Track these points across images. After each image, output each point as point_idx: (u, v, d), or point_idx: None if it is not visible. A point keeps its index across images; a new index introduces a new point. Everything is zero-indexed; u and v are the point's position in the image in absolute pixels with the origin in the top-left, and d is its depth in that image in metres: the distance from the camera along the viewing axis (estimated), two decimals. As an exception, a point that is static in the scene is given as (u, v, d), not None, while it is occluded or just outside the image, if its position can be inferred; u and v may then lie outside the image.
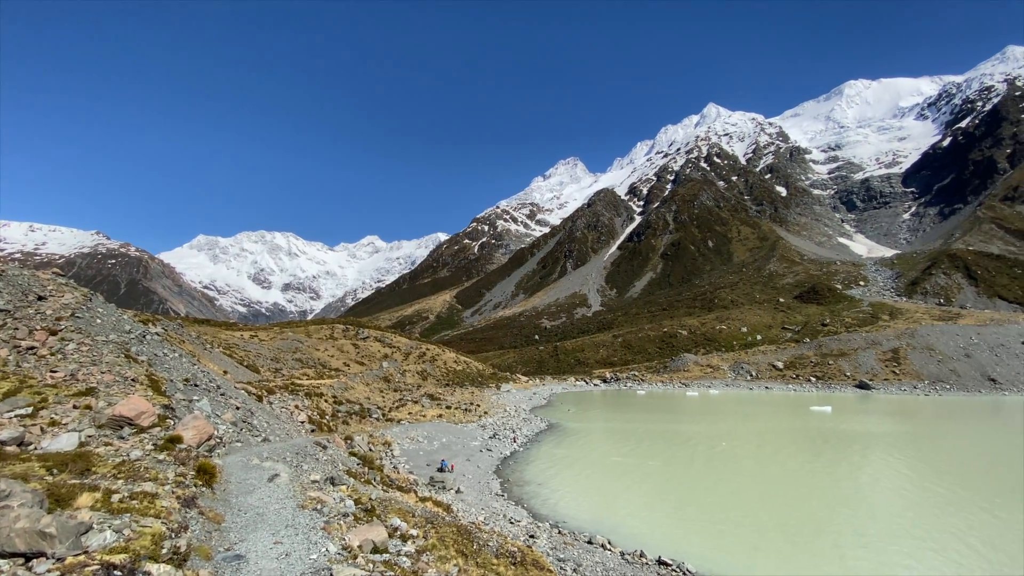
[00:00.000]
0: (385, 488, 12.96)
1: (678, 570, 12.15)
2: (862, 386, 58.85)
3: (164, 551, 4.86)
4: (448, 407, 37.88)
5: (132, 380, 11.87)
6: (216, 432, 11.49)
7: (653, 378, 71.16)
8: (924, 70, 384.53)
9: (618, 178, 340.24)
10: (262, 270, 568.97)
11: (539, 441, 29.31)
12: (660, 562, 12.61)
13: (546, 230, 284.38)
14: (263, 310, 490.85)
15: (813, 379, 63.43)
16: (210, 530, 6.07)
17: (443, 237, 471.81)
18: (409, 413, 33.64)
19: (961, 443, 28.13)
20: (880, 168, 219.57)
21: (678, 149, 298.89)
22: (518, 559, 8.40)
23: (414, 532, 7.81)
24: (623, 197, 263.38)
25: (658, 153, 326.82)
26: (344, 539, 6.48)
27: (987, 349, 60.01)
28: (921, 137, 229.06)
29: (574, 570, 11.67)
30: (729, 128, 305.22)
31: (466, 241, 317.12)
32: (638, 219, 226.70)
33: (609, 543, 13.76)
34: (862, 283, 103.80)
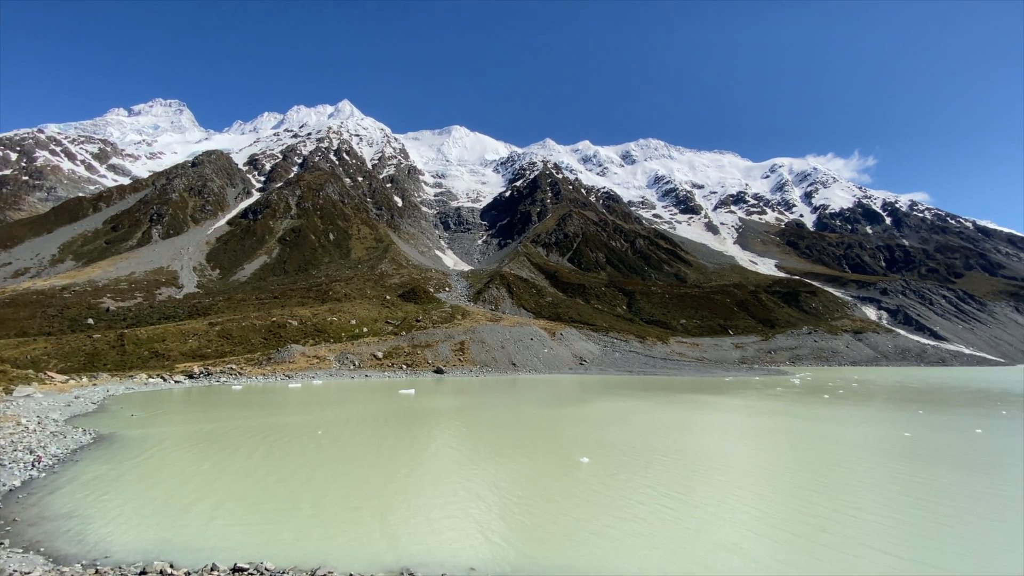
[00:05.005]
0: None
1: (256, 571, 11.66)
2: (438, 371, 72.62)
3: None
4: None
5: None
6: None
7: (254, 371, 65.60)
8: (502, 136, 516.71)
9: (237, 143, 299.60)
10: None
11: (78, 460, 22.05)
12: (236, 569, 11.75)
13: (125, 181, 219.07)
14: None
15: (405, 367, 73.69)
16: None
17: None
18: None
19: (490, 411, 38.73)
20: (468, 201, 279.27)
21: (309, 134, 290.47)
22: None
23: None
24: (241, 167, 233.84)
25: (287, 131, 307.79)
26: None
27: (513, 343, 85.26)
28: (495, 185, 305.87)
29: (115, 613, 9.38)
30: (361, 131, 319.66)
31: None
32: (257, 195, 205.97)
33: (172, 566, 11.78)
34: (447, 289, 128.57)
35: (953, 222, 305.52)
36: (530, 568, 12.02)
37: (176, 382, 57.58)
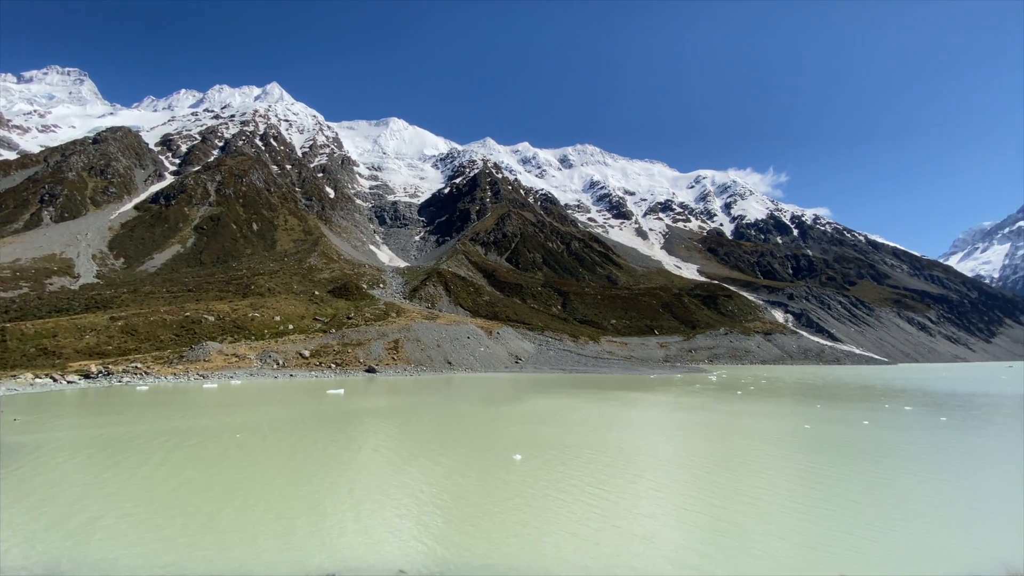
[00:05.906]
0: None
1: (155, 589, 10.62)
2: (370, 370, 70.38)
3: None
4: None
5: None
6: None
7: (163, 370, 60.20)
8: (443, 132, 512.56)
9: (148, 121, 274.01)
10: None
11: (-66, 473, 19.07)
12: (131, 588, 10.65)
13: (11, 156, 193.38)
14: None
15: (334, 366, 70.70)
16: None
17: None
18: None
19: (423, 410, 38.12)
20: (406, 196, 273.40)
21: (232, 116, 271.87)
22: None
23: None
24: (153, 147, 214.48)
25: (208, 111, 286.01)
26: None
27: (449, 341, 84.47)
28: (434, 181, 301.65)
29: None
30: (291, 116, 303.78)
31: None
32: (170, 179, 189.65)
33: (52, 589, 10.47)
34: (382, 285, 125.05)
35: (849, 235, 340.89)
36: (457, 569, 11.90)
37: (69, 382, 51.58)
